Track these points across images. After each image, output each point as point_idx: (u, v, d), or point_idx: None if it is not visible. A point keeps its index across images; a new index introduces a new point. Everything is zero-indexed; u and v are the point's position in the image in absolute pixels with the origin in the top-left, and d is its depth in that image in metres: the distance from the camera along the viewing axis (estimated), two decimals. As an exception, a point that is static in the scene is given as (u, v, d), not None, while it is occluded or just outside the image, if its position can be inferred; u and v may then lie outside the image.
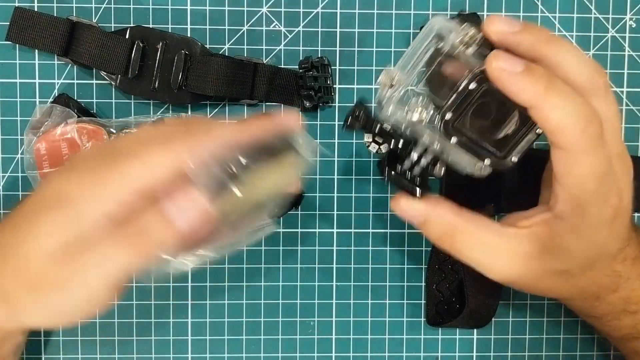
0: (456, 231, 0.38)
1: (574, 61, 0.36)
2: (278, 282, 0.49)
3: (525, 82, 0.34)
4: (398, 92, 0.36)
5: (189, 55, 0.45)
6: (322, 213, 0.49)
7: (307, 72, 0.46)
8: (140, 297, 0.49)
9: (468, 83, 0.35)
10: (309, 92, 0.46)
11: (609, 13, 0.49)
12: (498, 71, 0.34)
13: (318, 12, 0.48)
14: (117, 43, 0.45)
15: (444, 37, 0.36)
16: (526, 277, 0.39)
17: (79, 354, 0.49)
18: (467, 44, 0.35)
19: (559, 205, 0.37)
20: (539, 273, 0.39)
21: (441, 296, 0.49)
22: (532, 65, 0.34)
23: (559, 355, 0.51)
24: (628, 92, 0.49)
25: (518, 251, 0.38)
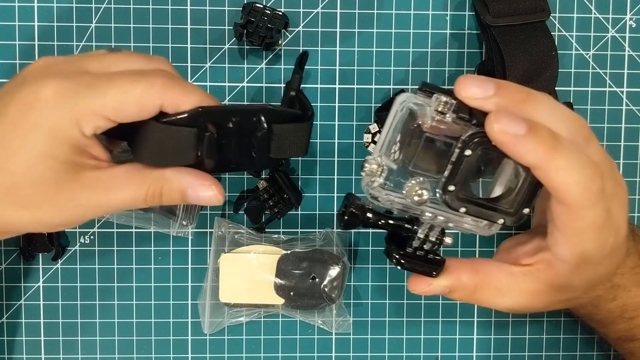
0: (477, 288, 0.39)
1: (555, 118, 0.35)
2: (278, 282, 0.49)
3: (530, 144, 0.33)
4: (390, 178, 0.36)
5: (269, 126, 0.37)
6: (322, 213, 0.49)
7: (247, 34, 0.45)
8: (141, 297, 0.49)
9: (462, 151, 0.34)
10: (266, 41, 0.45)
11: (609, 13, 0.49)
12: (501, 135, 0.33)
13: (318, 12, 0.48)
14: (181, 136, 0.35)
15: (416, 113, 0.35)
16: (535, 308, 0.40)
17: (79, 354, 0.49)
18: (444, 113, 0.34)
19: (559, 249, 0.37)
20: (546, 304, 0.40)
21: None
22: (535, 125, 0.33)
23: (559, 355, 0.51)
24: (628, 92, 0.49)
25: (527, 290, 0.39)
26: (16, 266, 0.48)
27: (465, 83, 0.34)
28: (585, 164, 0.34)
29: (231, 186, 0.48)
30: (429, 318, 0.50)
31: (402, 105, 0.35)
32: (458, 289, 0.39)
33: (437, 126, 0.35)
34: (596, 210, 0.35)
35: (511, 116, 0.33)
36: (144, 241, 0.48)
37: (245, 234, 0.48)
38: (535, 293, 0.39)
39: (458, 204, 0.35)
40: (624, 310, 0.42)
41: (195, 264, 0.49)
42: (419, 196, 0.35)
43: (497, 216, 0.36)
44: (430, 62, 0.48)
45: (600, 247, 0.37)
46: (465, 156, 0.34)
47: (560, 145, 0.33)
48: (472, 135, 0.34)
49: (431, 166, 0.36)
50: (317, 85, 0.48)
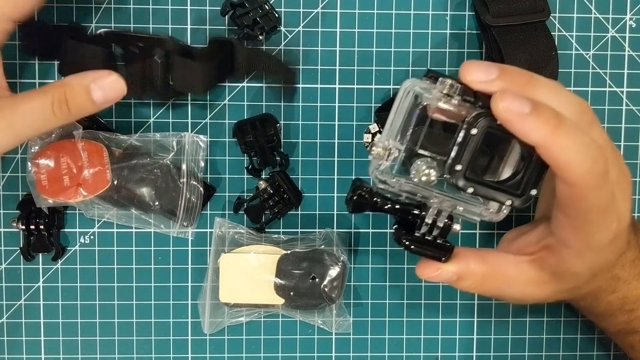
0: (484, 277, 0.40)
1: (558, 100, 0.35)
2: (278, 282, 0.49)
3: (534, 123, 0.34)
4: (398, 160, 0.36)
5: (168, 55, 0.44)
6: (321, 213, 0.49)
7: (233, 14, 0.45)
8: (140, 297, 0.49)
9: (468, 130, 0.35)
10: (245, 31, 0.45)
11: (609, 13, 0.49)
12: (506, 113, 0.34)
13: (318, 12, 0.48)
14: (92, 53, 0.43)
15: (421, 96, 0.35)
16: (540, 298, 0.41)
17: (79, 354, 0.49)
18: (450, 96, 0.35)
19: (562, 233, 0.38)
20: (550, 293, 0.41)
21: None
22: (539, 104, 0.34)
23: (559, 355, 0.51)
24: (628, 92, 0.49)
25: (532, 279, 0.40)
26: (16, 266, 0.48)
27: (470, 67, 0.35)
28: (589, 144, 0.34)
29: (231, 186, 0.48)
30: (429, 318, 0.50)
31: (407, 89, 0.36)
32: (466, 277, 0.39)
33: (442, 110, 0.35)
34: (600, 192, 0.35)
35: (516, 95, 0.34)
36: (144, 241, 0.48)
37: (245, 234, 0.48)
38: (539, 282, 0.40)
39: (465, 184, 0.36)
40: (624, 302, 0.42)
41: (195, 264, 0.49)
42: (427, 176, 0.36)
43: (504, 197, 0.36)
44: (430, 62, 0.48)
45: (603, 232, 0.37)
46: (471, 135, 0.35)
47: (564, 124, 0.34)
48: (478, 115, 0.35)
49: (438, 148, 0.36)
50: (317, 85, 0.48)
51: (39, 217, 0.46)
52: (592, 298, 0.42)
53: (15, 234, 0.48)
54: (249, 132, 0.46)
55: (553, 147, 0.34)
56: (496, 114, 0.34)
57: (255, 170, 0.47)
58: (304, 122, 0.48)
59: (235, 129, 0.47)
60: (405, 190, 0.37)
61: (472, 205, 0.38)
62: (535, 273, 0.40)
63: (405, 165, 0.36)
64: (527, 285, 0.40)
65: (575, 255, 0.38)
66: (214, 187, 0.48)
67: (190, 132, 0.47)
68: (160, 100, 0.47)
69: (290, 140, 0.48)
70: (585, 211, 0.36)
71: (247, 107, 0.48)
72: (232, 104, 0.48)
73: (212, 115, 0.48)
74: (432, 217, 0.37)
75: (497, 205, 0.37)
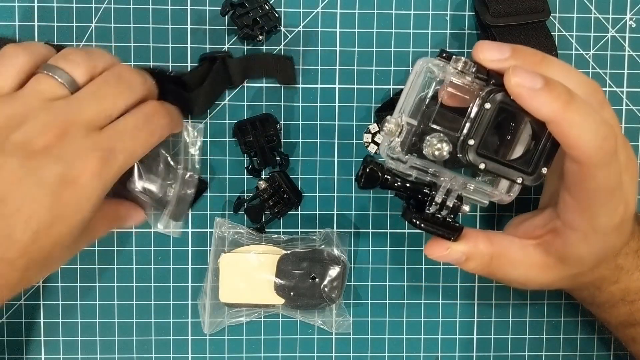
0: (492, 259, 0.40)
1: (569, 80, 0.36)
2: (278, 282, 0.49)
3: (546, 98, 0.34)
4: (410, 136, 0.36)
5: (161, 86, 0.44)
6: (322, 213, 0.49)
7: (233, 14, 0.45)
8: (140, 297, 0.49)
9: (481, 105, 0.35)
10: (245, 31, 0.45)
11: (609, 13, 0.49)
12: (518, 87, 0.34)
13: (318, 12, 0.48)
14: None
15: (435, 74, 0.36)
16: (543, 283, 0.41)
17: (79, 354, 0.49)
18: (464, 72, 0.36)
19: (568, 215, 0.38)
20: (554, 279, 0.41)
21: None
22: (551, 80, 0.34)
23: (559, 355, 0.51)
24: (628, 92, 0.49)
25: (537, 263, 0.40)
26: (16, 266, 0.48)
27: (483, 46, 0.36)
28: (599, 122, 0.35)
29: (231, 186, 0.48)
30: (429, 318, 0.50)
31: (422, 67, 0.36)
32: (474, 257, 0.39)
33: (455, 86, 0.36)
34: (608, 172, 0.35)
35: (528, 71, 0.34)
36: (144, 241, 0.48)
37: (245, 234, 0.48)
38: (544, 266, 0.40)
39: (477, 159, 0.36)
40: (626, 293, 0.42)
41: (195, 264, 0.49)
42: (439, 150, 0.36)
43: (516, 174, 0.36)
44: (430, 62, 0.48)
45: (609, 215, 0.37)
46: (484, 109, 0.35)
47: (575, 101, 0.34)
48: (490, 91, 0.35)
49: (450, 124, 0.36)
50: (317, 85, 0.48)
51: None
52: (594, 287, 0.42)
53: (15, 234, 0.48)
54: (249, 132, 0.46)
55: (563, 122, 0.34)
56: (509, 89, 0.34)
57: (255, 170, 0.47)
58: (304, 122, 0.48)
59: (235, 129, 0.47)
60: (417, 166, 0.37)
61: (482, 185, 0.38)
62: (540, 257, 0.40)
63: (415, 145, 0.36)
64: (532, 268, 0.40)
65: (581, 239, 0.38)
66: (206, 182, 0.48)
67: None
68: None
69: (290, 140, 0.48)
70: (593, 191, 0.36)
71: (247, 107, 0.48)
72: (232, 104, 0.48)
73: (212, 115, 0.48)
74: (441, 197, 0.37)
75: (507, 186, 0.37)
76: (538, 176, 0.36)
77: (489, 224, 0.50)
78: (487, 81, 0.36)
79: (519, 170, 0.36)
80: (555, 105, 0.34)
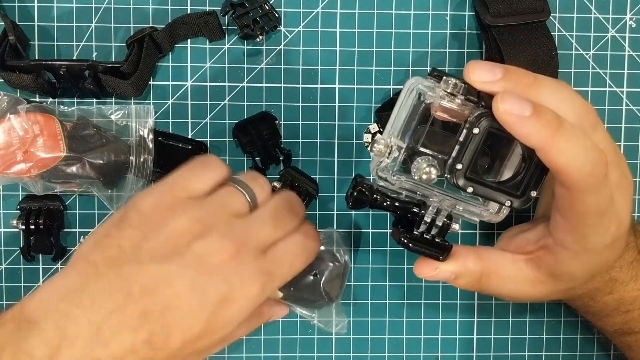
0: (482, 275, 0.40)
1: (561, 102, 0.35)
2: (278, 282, 0.49)
3: (534, 125, 0.34)
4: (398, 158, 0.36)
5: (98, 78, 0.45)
6: (322, 213, 0.49)
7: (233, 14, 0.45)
8: (140, 297, 0.48)
9: (470, 129, 0.35)
10: (245, 30, 0.45)
11: (609, 13, 0.49)
12: (506, 115, 0.34)
13: (318, 12, 0.48)
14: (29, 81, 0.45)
15: (425, 95, 0.36)
16: (535, 297, 0.41)
17: (79, 354, 0.49)
18: (453, 95, 0.35)
19: (560, 234, 0.38)
20: (546, 293, 0.41)
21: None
22: (540, 107, 0.34)
23: (559, 355, 0.51)
24: (628, 92, 0.49)
25: (529, 278, 0.40)
26: (16, 266, 0.48)
27: (475, 67, 0.35)
28: (589, 148, 0.34)
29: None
30: (429, 318, 0.50)
31: (411, 87, 0.36)
32: (464, 275, 0.39)
33: (445, 109, 0.35)
34: (598, 196, 0.35)
35: (517, 97, 0.34)
36: (144, 241, 0.48)
37: None
38: (535, 282, 0.40)
39: (465, 184, 0.36)
40: (620, 303, 0.42)
41: (195, 264, 0.49)
42: (427, 174, 0.36)
43: (504, 198, 0.36)
44: (430, 62, 0.48)
45: (601, 235, 0.37)
46: (473, 134, 0.35)
47: (564, 128, 0.34)
48: (480, 115, 0.35)
49: (439, 147, 0.36)
50: (317, 85, 0.48)
51: (39, 217, 0.46)
52: (588, 298, 0.42)
53: (15, 234, 0.48)
54: (249, 132, 0.46)
55: (552, 150, 0.34)
56: (497, 116, 0.34)
57: (259, 170, 0.47)
58: (304, 122, 0.48)
59: (235, 129, 0.47)
60: (406, 188, 0.37)
61: (471, 205, 0.38)
62: (531, 272, 0.40)
63: (405, 163, 0.36)
64: (524, 284, 0.40)
65: (572, 257, 0.38)
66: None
67: (190, 132, 0.47)
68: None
69: (290, 140, 0.48)
70: (582, 214, 0.36)
71: (247, 107, 0.48)
72: (232, 104, 0.48)
73: (212, 116, 0.48)
74: (431, 216, 0.38)
75: (497, 206, 0.37)
76: (527, 199, 0.36)
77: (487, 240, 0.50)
78: (477, 103, 0.35)
79: (507, 194, 0.36)
80: (544, 133, 0.33)
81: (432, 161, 0.36)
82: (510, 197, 0.36)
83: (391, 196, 0.38)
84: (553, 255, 0.39)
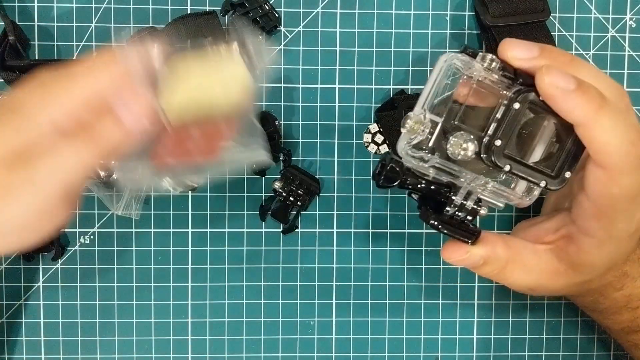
0: (507, 263, 0.39)
1: (598, 82, 0.35)
2: (278, 282, 0.49)
3: (579, 100, 0.33)
4: (434, 135, 0.35)
5: None
6: (322, 213, 0.49)
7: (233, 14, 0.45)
8: (140, 297, 0.49)
9: (508, 106, 0.34)
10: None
11: (609, 13, 0.49)
12: (551, 88, 0.34)
13: (318, 12, 0.48)
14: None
15: (461, 71, 0.35)
16: (552, 289, 0.41)
17: (79, 354, 0.49)
18: (490, 70, 0.35)
19: (585, 221, 0.37)
20: (563, 285, 0.40)
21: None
22: (584, 82, 0.34)
23: (559, 355, 0.51)
24: (628, 92, 0.49)
25: (549, 269, 0.39)
26: (16, 266, 0.48)
27: (511, 44, 0.35)
28: (629, 127, 0.34)
29: (231, 186, 0.48)
30: (429, 318, 0.50)
31: (446, 62, 0.35)
32: (492, 261, 0.39)
33: (482, 85, 0.35)
34: (633, 178, 0.35)
35: (562, 71, 0.34)
36: (144, 241, 0.48)
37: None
38: (555, 272, 0.39)
39: (503, 161, 0.35)
40: (629, 300, 0.42)
41: (195, 264, 0.49)
42: (465, 150, 0.34)
43: (540, 177, 0.36)
44: (430, 62, 0.48)
45: (627, 221, 0.37)
46: (513, 109, 0.34)
47: (607, 105, 0.34)
48: (519, 90, 0.34)
49: (475, 122, 0.35)
50: (317, 85, 0.48)
51: (39, 217, 0.46)
52: (598, 294, 0.42)
53: (15, 234, 0.48)
54: (249, 132, 0.46)
55: (595, 126, 0.34)
56: (541, 88, 0.34)
57: (260, 170, 0.47)
58: (304, 122, 0.48)
59: (235, 129, 0.47)
60: (437, 166, 0.36)
61: (500, 188, 0.37)
62: (551, 263, 0.39)
63: (439, 140, 0.35)
64: (543, 274, 0.40)
65: (596, 246, 0.38)
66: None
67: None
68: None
69: (290, 140, 0.48)
70: (614, 197, 0.36)
71: (247, 107, 0.48)
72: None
73: (212, 115, 0.48)
74: (461, 198, 0.37)
75: (524, 189, 0.37)
76: (562, 180, 0.36)
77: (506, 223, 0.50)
78: (515, 80, 0.35)
79: (543, 174, 0.36)
80: (588, 108, 0.33)
81: (470, 137, 0.35)
82: (546, 177, 0.36)
83: (421, 176, 0.37)
84: (576, 244, 0.38)
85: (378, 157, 0.40)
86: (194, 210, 0.48)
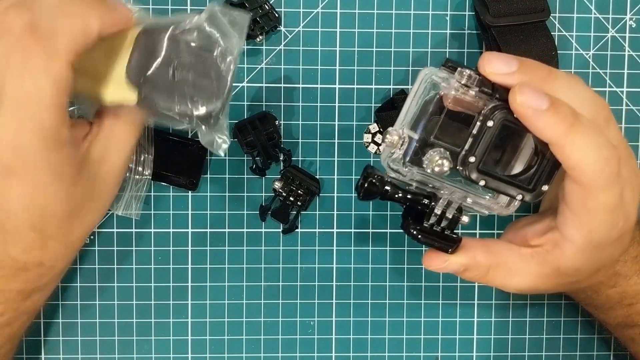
0: (490, 268, 0.40)
1: (576, 97, 0.35)
2: (278, 282, 0.49)
3: (550, 120, 0.34)
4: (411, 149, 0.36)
5: None
6: (322, 213, 0.49)
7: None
8: (140, 297, 0.49)
9: (483, 122, 0.35)
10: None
11: (609, 13, 0.49)
12: (523, 107, 0.34)
13: (318, 12, 0.48)
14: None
15: (439, 86, 0.36)
16: (540, 290, 0.41)
17: (79, 354, 0.49)
18: (468, 86, 0.35)
19: (568, 229, 0.38)
20: (551, 286, 0.41)
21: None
22: (557, 101, 0.34)
23: (559, 355, 0.51)
24: (628, 92, 0.49)
25: (535, 272, 0.40)
26: (16, 266, 0.48)
27: (490, 58, 0.35)
28: (603, 145, 0.34)
29: (231, 186, 0.48)
30: (429, 318, 0.50)
31: (425, 77, 0.36)
32: (472, 268, 0.39)
33: (459, 101, 0.35)
34: (609, 193, 0.35)
35: (535, 90, 0.34)
36: (145, 241, 0.48)
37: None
38: (541, 275, 0.40)
39: (478, 177, 0.36)
40: (623, 297, 0.42)
41: (195, 264, 0.49)
42: (440, 166, 0.35)
43: (516, 191, 0.36)
44: (430, 62, 0.48)
45: (608, 230, 0.37)
46: (487, 127, 0.35)
47: (580, 123, 0.34)
48: (494, 107, 0.35)
49: (452, 139, 0.36)
50: (317, 85, 0.48)
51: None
52: (591, 291, 0.43)
53: (16, 234, 0.48)
54: (249, 132, 0.46)
55: (566, 145, 0.34)
56: (513, 108, 0.34)
57: (260, 170, 0.47)
58: (304, 122, 0.48)
59: (235, 129, 0.47)
60: (417, 179, 0.37)
61: (481, 198, 0.38)
62: (537, 266, 0.40)
63: (417, 155, 0.36)
64: (529, 277, 0.40)
65: (579, 252, 0.38)
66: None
67: (190, 132, 0.48)
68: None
69: (290, 140, 0.48)
70: (592, 210, 0.36)
71: (247, 107, 0.48)
72: (232, 104, 0.48)
73: (212, 115, 0.48)
74: (441, 208, 0.37)
75: (507, 199, 0.37)
76: (538, 193, 0.36)
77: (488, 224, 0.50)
78: (492, 95, 0.35)
79: (519, 188, 0.36)
80: (559, 127, 0.33)
81: (445, 153, 0.36)
82: (522, 191, 0.36)
83: (402, 188, 0.38)
84: (559, 249, 0.39)
85: (378, 157, 0.40)
86: (194, 210, 0.48)
